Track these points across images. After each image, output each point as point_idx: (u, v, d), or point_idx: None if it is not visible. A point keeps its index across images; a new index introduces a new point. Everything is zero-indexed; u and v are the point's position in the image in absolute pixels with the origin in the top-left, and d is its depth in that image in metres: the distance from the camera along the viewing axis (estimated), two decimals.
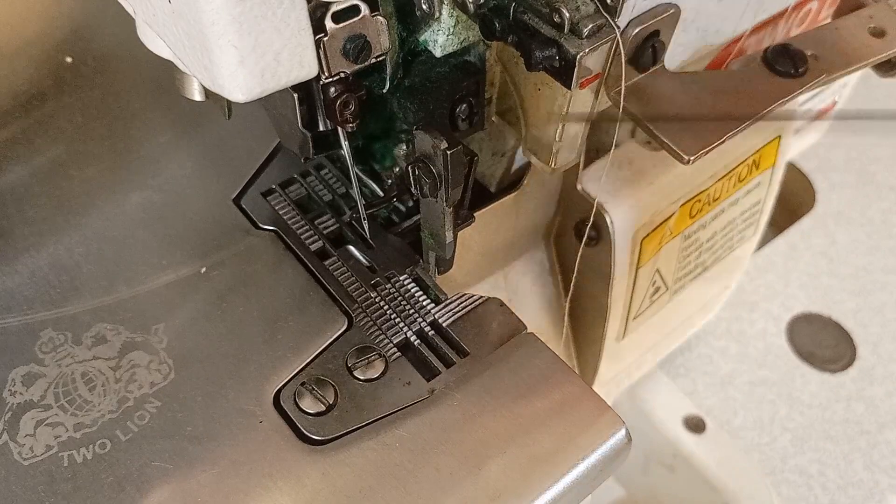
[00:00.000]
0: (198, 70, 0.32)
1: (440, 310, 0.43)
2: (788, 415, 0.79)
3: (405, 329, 0.42)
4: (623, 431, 0.39)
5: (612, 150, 0.44)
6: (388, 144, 0.45)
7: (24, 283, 0.43)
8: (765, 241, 0.89)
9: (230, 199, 0.47)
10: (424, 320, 0.43)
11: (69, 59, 0.55)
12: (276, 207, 0.47)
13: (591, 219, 0.48)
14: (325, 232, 0.46)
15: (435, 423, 0.38)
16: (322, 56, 0.33)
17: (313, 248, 0.45)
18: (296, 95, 0.37)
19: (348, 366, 0.40)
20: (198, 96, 0.40)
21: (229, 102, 0.43)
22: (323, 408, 0.39)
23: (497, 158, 0.49)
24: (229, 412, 0.39)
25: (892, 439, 0.77)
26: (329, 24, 0.32)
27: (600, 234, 0.51)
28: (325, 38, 0.32)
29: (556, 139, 0.39)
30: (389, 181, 0.46)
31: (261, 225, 0.46)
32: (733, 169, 0.56)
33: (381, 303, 0.43)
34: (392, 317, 0.43)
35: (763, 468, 0.76)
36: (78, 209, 0.47)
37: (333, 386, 0.40)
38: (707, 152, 0.37)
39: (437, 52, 0.38)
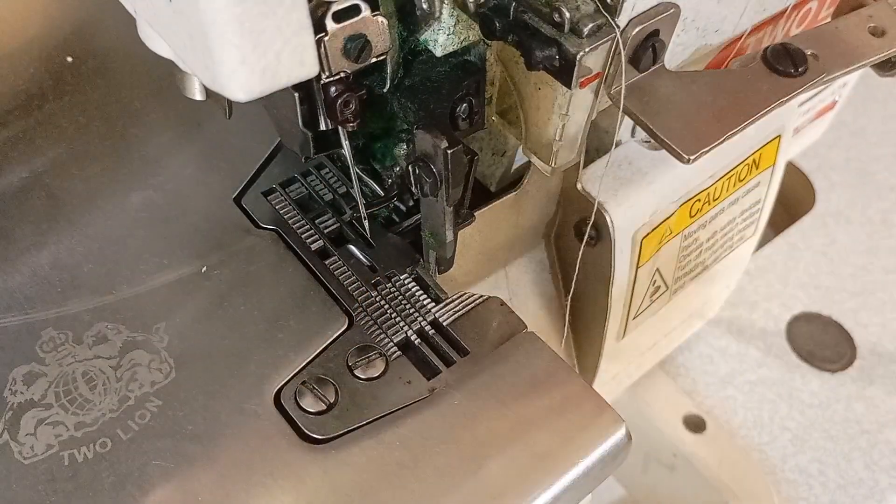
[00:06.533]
0: (199, 69, 0.32)
1: (440, 309, 0.43)
2: (788, 414, 0.79)
3: (406, 328, 0.42)
4: (623, 430, 0.39)
5: (612, 150, 0.44)
6: (389, 144, 0.45)
7: (25, 282, 0.43)
8: (765, 241, 0.89)
9: (231, 198, 0.48)
10: (425, 319, 0.43)
11: (69, 59, 0.55)
12: (277, 207, 0.47)
13: (592, 218, 0.48)
14: (325, 231, 0.46)
15: (435, 422, 0.38)
16: (323, 55, 0.33)
17: (314, 247, 0.46)
18: (296, 95, 0.37)
19: (349, 365, 0.40)
20: (199, 95, 0.40)
21: (230, 102, 0.43)
22: (323, 407, 0.39)
23: (497, 158, 0.49)
24: (230, 411, 0.39)
25: (892, 439, 0.77)
26: (330, 23, 0.32)
27: (600, 234, 0.51)
28: (326, 38, 0.32)
29: (556, 138, 0.39)
30: (390, 180, 0.46)
31: (261, 224, 0.46)
32: (733, 168, 0.56)
33: (382, 302, 0.43)
34: (392, 316, 0.43)
35: (763, 468, 0.76)
36: (78, 209, 0.47)
37: (334, 385, 0.40)
38: (707, 152, 0.37)
39: (438, 52, 0.38)
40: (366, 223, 0.45)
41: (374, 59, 0.35)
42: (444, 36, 0.37)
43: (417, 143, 0.37)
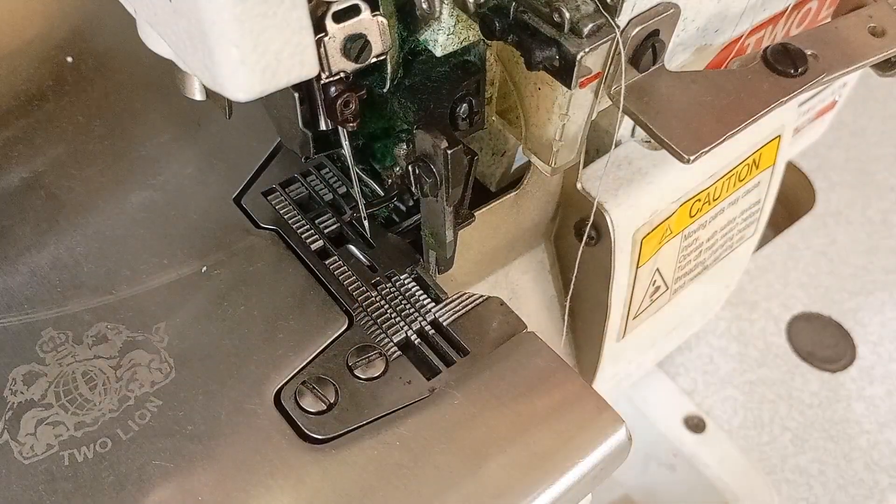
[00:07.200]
0: (198, 69, 0.32)
1: (441, 309, 0.43)
2: (788, 414, 0.79)
3: (406, 328, 0.42)
4: (623, 430, 0.39)
5: (612, 150, 0.44)
6: (389, 144, 0.45)
7: (25, 282, 0.43)
8: (765, 241, 0.89)
9: (231, 198, 0.48)
10: (425, 319, 0.43)
11: (69, 59, 0.55)
12: (277, 207, 0.47)
13: (592, 218, 0.48)
14: (325, 231, 0.46)
15: (435, 422, 0.38)
16: (323, 55, 0.33)
17: (314, 247, 0.46)
18: (296, 95, 0.37)
19: (349, 365, 0.40)
20: (198, 95, 0.40)
21: (230, 102, 0.43)
22: (323, 407, 0.39)
23: (497, 158, 0.49)
24: (230, 411, 0.39)
25: (892, 439, 0.77)
26: (329, 23, 0.32)
27: (600, 234, 0.51)
28: (326, 38, 0.32)
29: (556, 138, 0.39)
30: (390, 180, 0.46)
31: (261, 224, 0.46)
32: (733, 168, 0.56)
33: (382, 302, 0.43)
34: (392, 316, 0.43)
35: (763, 467, 0.76)
36: (78, 209, 0.47)
37: (334, 385, 0.40)
38: (707, 152, 0.37)
39: (438, 52, 0.38)
40: (366, 223, 0.45)
41: (374, 59, 0.35)
42: (444, 36, 0.37)
43: (417, 143, 0.37)
